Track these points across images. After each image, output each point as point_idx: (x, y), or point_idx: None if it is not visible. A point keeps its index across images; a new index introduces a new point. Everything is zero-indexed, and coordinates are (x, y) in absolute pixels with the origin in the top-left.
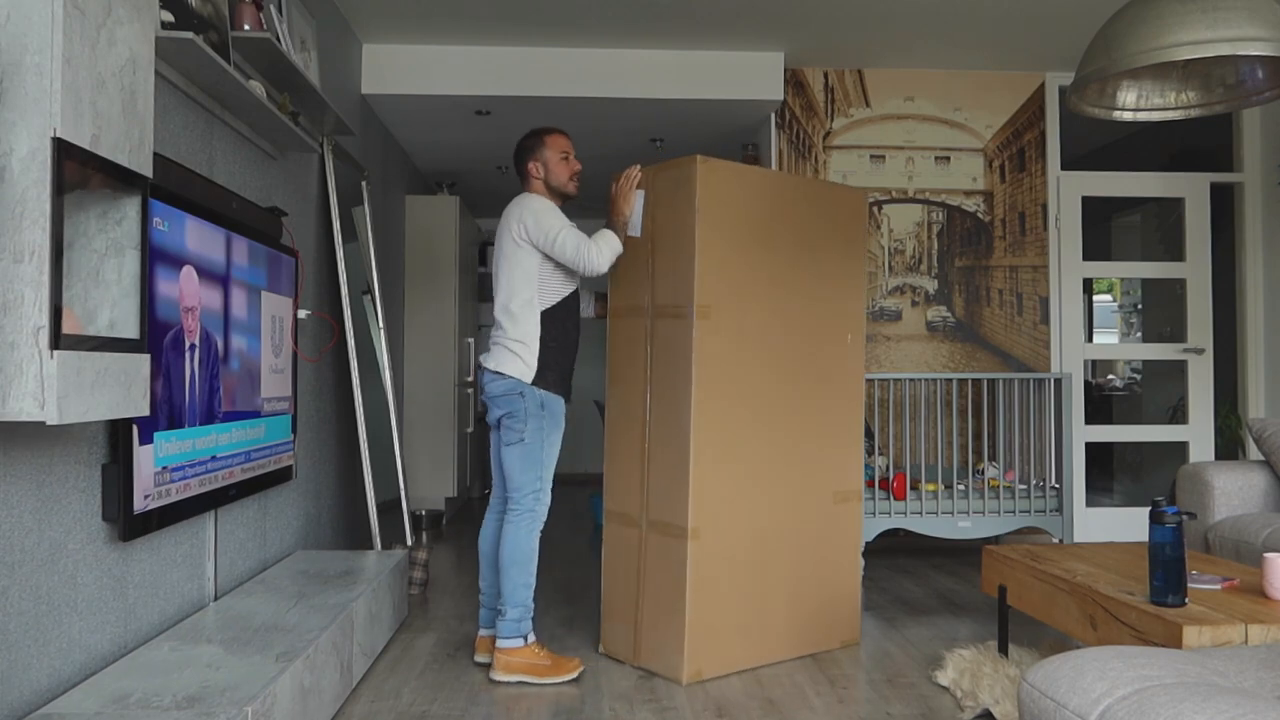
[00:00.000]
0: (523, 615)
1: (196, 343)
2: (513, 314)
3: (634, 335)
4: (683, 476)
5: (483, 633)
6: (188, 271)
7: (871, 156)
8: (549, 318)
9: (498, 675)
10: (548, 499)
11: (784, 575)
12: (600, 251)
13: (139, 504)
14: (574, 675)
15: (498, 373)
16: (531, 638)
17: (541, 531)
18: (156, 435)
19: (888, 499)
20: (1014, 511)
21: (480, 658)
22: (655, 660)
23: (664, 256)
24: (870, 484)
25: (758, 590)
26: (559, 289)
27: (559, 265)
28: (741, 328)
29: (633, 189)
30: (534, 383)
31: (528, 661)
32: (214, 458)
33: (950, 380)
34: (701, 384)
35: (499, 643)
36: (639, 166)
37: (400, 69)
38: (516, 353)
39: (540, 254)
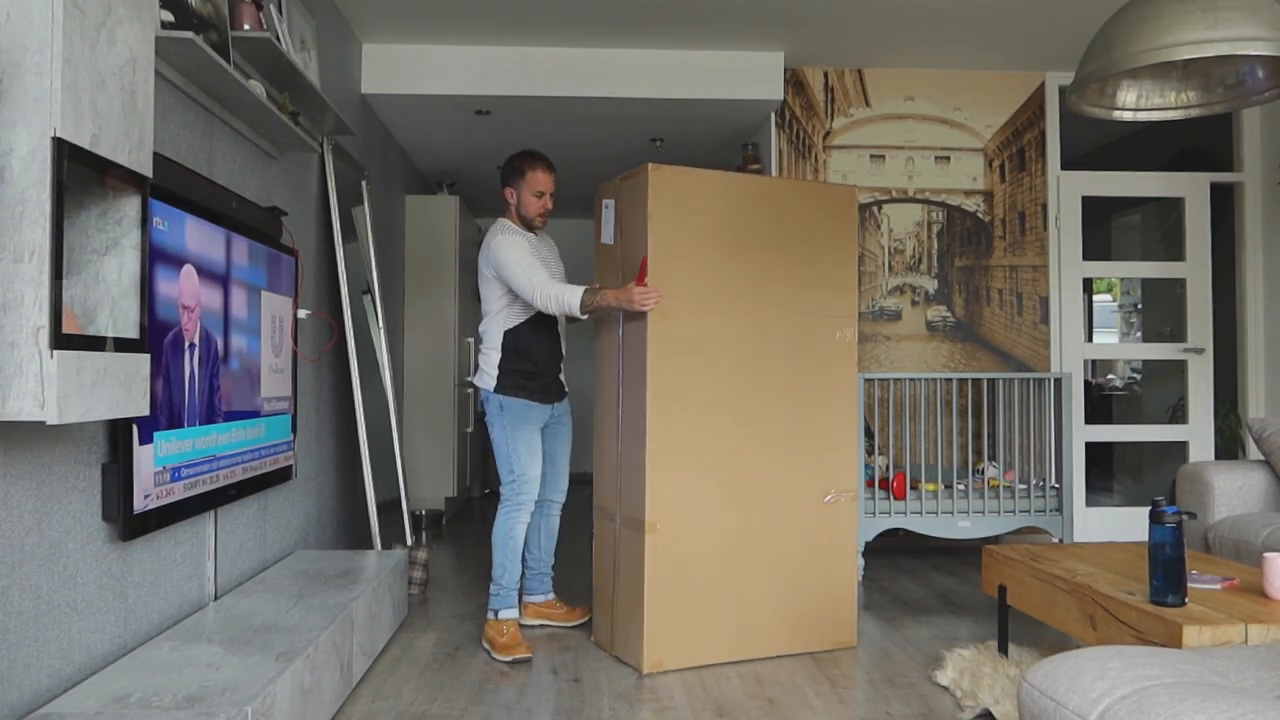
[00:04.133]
0: (497, 591)
1: (196, 342)
2: (484, 331)
3: (611, 338)
4: (642, 471)
5: (524, 598)
6: (188, 271)
7: (871, 156)
8: (511, 335)
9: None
10: (527, 487)
11: (765, 573)
12: (548, 297)
13: (139, 504)
14: (510, 659)
15: (474, 383)
16: (504, 614)
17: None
18: (156, 435)
19: (888, 499)
20: (1014, 511)
21: (523, 620)
22: (626, 650)
23: (629, 262)
24: (870, 484)
25: (732, 586)
26: (524, 310)
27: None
28: (708, 329)
29: (645, 303)
30: (495, 390)
31: (491, 633)
32: (214, 457)
33: (950, 380)
34: (658, 383)
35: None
36: (658, 296)
37: (400, 69)
38: (483, 365)
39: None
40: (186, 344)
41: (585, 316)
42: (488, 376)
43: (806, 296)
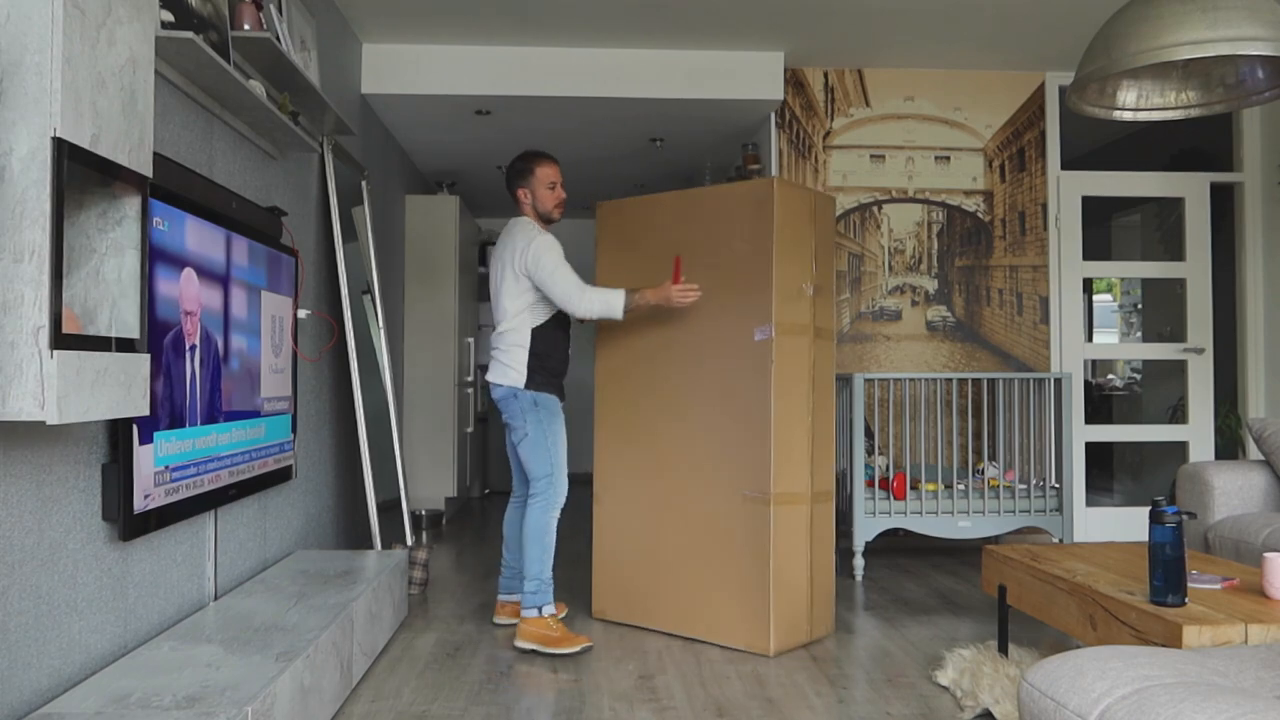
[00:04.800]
0: (538, 588)
1: (196, 342)
2: (508, 331)
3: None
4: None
5: (501, 597)
6: (188, 271)
7: (871, 156)
8: (539, 332)
9: (516, 642)
10: (562, 483)
11: (689, 558)
12: (589, 302)
13: (139, 504)
14: (578, 649)
15: (495, 383)
16: (548, 610)
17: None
18: (156, 435)
19: (888, 499)
20: (1014, 511)
21: (498, 619)
22: (594, 604)
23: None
24: (870, 484)
25: (654, 561)
26: (550, 308)
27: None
28: (646, 337)
29: (684, 299)
30: (527, 386)
31: (539, 631)
32: (214, 457)
33: (950, 380)
34: (601, 382)
35: (522, 612)
36: (698, 291)
37: (400, 69)
38: (509, 364)
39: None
40: (186, 344)
41: (621, 318)
42: (515, 374)
43: (729, 300)
